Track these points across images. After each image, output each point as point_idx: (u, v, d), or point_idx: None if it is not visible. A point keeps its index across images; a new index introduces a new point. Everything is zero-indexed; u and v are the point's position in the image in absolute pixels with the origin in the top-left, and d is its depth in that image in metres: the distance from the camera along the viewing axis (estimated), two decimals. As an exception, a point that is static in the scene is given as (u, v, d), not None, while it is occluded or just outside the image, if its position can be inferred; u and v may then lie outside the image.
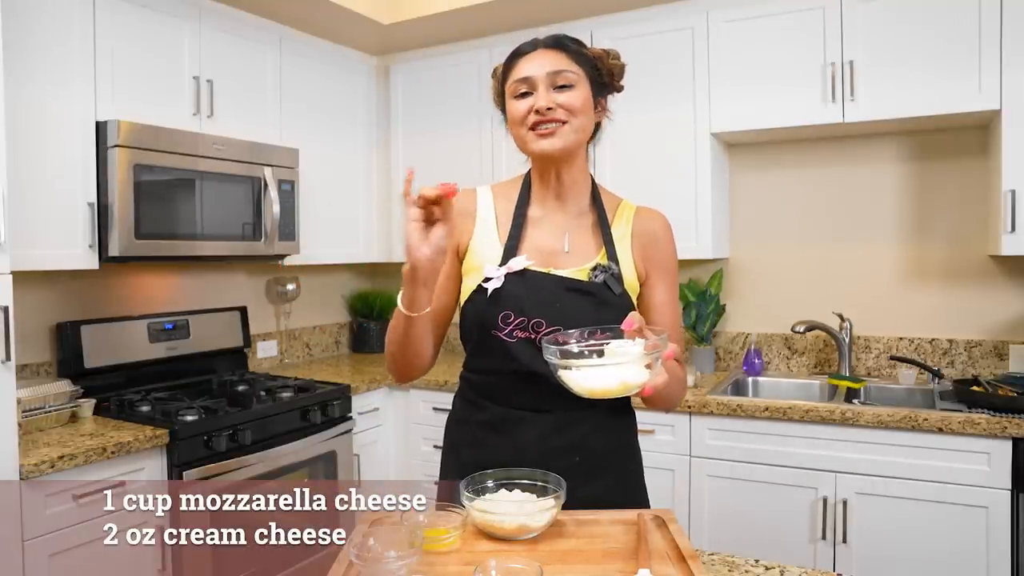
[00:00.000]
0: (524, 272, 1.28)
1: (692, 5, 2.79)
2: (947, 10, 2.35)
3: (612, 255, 1.31)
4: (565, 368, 1.07)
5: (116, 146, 2.30)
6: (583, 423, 1.30)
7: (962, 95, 2.34)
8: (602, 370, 1.05)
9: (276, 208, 2.78)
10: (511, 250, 1.31)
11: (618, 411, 1.35)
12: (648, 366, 1.05)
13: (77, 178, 2.28)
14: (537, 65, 1.27)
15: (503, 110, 1.36)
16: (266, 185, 2.78)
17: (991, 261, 2.67)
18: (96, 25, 2.33)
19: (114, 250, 2.31)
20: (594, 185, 1.39)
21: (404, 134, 3.45)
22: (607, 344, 1.07)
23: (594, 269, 1.29)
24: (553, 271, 1.30)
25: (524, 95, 1.28)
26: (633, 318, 1.10)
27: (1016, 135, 2.28)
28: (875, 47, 2.46)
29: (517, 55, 1.32)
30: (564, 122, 1.26)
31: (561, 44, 1.30)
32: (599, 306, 1.28)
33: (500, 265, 1.29)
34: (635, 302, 1.34)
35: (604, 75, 1.32)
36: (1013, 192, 2.28)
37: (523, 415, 1.30)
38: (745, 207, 3.07)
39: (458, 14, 3.00)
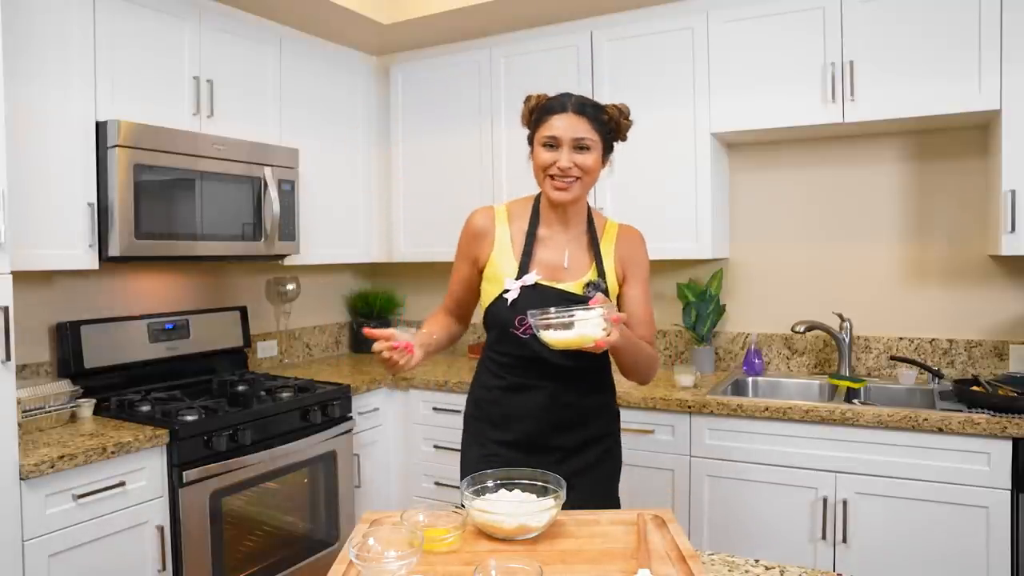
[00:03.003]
0: (535, 285, 1.64)
1: (692, 5, 2.79)
2: (947, 10, 2.35)
3: (601, 271, 1.68)
4: (545, 328, 1.42)
5: (116, 146, 2.30)
6: (574, 390, 1.69)
7: (962, 95, 2.34)
8: (568, 329, 1.41)
9: (276, 208, 2.78)
10: (524, 266, 1.67)
11: (598, 387, 1.74)
12: (605, 331, 1.41)
13: (77, 178, 2.28)
14: (564, 128, 1.60)
15: (530, 130, 1.69)
16: (266, 185, 2.78)
17: (991, 261, 2.67)
18: (96, 25, 2.33)
19: (114, 250, 2.31)
20: (589, 210, 1.75)
21: (404, 134, 3.45)
22: (575, 309, 1.43)
23: (587, 285, 1.65)
24: (556, 284, 1.65)
25: (550, 147, 1.61)
26: (599, 298, 1.48)
27: (1016, 135, 2.28)
28: (875, 47, 2.46)
29: (548, 112, 1.63)
30: (578, 178, 1.61)
31: (585, 111, 1.61)
32: None
33: (516, 278, 1.65)
34: (617, 297, 1.72)
35: (614, 133, 1.66)
36: (1013, 192, 2.28)
37: (533, 383, 1.68)
38: (745, 207, 3.07)
39: (458, 14, 3.00)
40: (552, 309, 1.43)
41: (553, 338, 1.42)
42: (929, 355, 2.75)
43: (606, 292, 1.64)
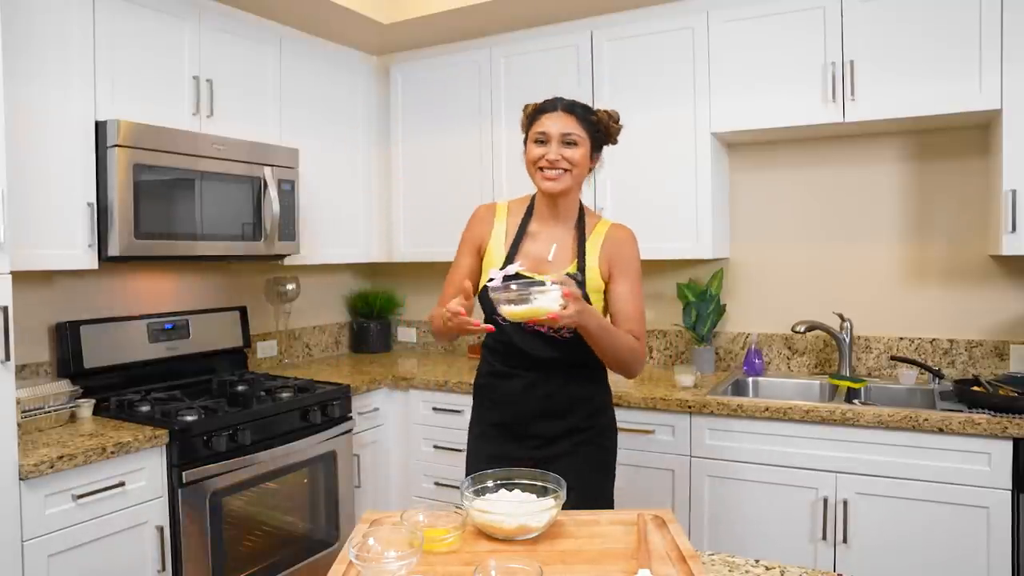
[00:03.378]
0: (516, 275, 1.68)
1: (692, 5, 2.79)
2: (948, 10, 2.35)
3: (581, 267, 1.76)
4: (506, 303, 1.49)
5: (116, 146, 2.30)
6: (554, 380, 1.77)
7: (962, 95, 2.34)
8: (525, 304, 1.48)
9: (276, 208, 2.78)
10: (510, 257, 1.78)
11: (581, 379, 1.80)
12: (561, 306, 1.48)
13: (77, 178, 2.28)
14: (554, 125, 1.73)
15: (525, 137, 1.81)
16: (266, 185, 2.78)
17: (991, 261, 2.67)
18: (96, 25, 2.33)
19: (114, 250, 2.31)
20: (581, 208, 1.85)
21: (404, 134, 3.45)
22: (534, 285, 1.50)
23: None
24: (537, 276, 1.71)
25: (541, 143, 1.74)
26: (561, 277, 1.54)
27: (1016, 135, 2.28)
28: (875, 47, 2.46)
29: (540, 112, 1.76)
30: (566, 170, 1.73)
31: (574, 110, 1.74)
32: None
33: (501, 269, 1.68)
34: (603, 295, 1.78)
35: (603, 135, 1.78)
36: (1013, 192, 2.28)
37: (516, 372, 1.79)
38: (745, 207, 3.07)
39: (458, 14, 3.00)
40: (513, 284, 1.51)
41: (511, 310, 1.50)
42: (929, 355, 2.75)
43: (582, 285, 1.70)
